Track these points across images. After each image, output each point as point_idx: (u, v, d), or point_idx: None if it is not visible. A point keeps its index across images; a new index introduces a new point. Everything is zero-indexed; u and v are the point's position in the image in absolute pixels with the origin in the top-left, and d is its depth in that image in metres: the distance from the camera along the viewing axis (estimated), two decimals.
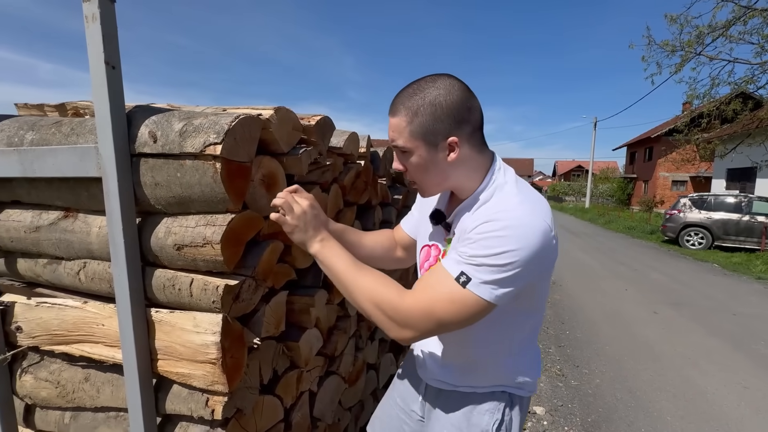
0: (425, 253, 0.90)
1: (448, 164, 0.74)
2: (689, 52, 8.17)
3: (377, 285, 0.72)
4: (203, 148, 0.77)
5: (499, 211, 0.68)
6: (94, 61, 0.77)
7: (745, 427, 2.24)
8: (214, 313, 0.84)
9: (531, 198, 0.72)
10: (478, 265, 0.65)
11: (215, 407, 0.86)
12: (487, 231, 0.66)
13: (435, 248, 0.87)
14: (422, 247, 0.91)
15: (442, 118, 0.70)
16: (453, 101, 0.70)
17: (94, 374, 1.02)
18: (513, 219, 0.66)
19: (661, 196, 21.62)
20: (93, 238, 0.92)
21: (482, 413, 0.86)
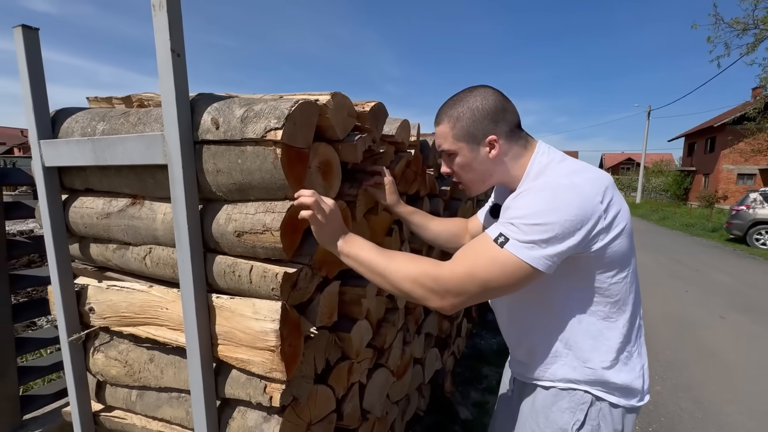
0: None
1: (491, 161, 0.83)
2: (765, 30, 7.34)
3: (410, 262, 0.75)
4: (264, 134, 0.76)
5: (539, 181, 0.76)
6: (160, 49, 0.78)
7: None
8: (273, 300, 0.83)
9: (579, 167, 0.76)
10: (514, 225, 0.69)
11: (273, 394, 0.86)
12: (523, 193, 0.73)
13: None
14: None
15: (480, 120, 0.80)
16: (489, 105, 0.80)
17: (158, 356, 1.06)
18: (550, 182, 0.72)
19: (724, 191, 19.76)
20: (158, 224, 0.95)
21: (562, 411, 0.81)
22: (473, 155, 0.83)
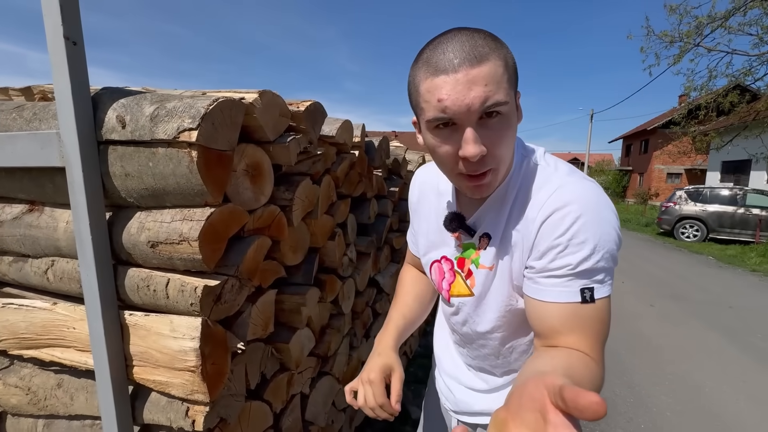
0: (437, 271, 0.74)
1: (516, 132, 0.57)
2: (688, 43, 8.09)
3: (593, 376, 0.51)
4: (177, 135, 0.69)
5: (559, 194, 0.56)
6: (52, 37, 0.68)
7: (744, 422, 2.22)
8: (193, 316, 0.76)
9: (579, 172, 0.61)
10: (588, 271, 0.53)
11: (196, 417, 0.79)
12: (571, 218, 0.53)
13: (446, 261, 0.72)
14: (431, 264, 0.76)
15: (516, 69, 0.54)
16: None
17: (68, 380, 0.94)
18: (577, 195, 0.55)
19: (656, 189, 21.69)
20: (60, 234, 0.84)
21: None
22: (515, 116, 0.55)
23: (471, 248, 0.68)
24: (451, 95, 0.49)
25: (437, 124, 0.52)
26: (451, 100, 0.49)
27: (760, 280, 5.69)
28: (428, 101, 0.51)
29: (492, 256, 0.64)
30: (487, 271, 0.65)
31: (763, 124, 8.63)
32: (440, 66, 0.49)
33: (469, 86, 0.48)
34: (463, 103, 0.48)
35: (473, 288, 0.68)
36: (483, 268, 0.66)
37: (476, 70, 0.48)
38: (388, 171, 1.90)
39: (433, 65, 0.50)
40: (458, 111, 0.49)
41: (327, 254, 1.28)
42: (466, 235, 0.68)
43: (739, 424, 2.20)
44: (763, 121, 8.57)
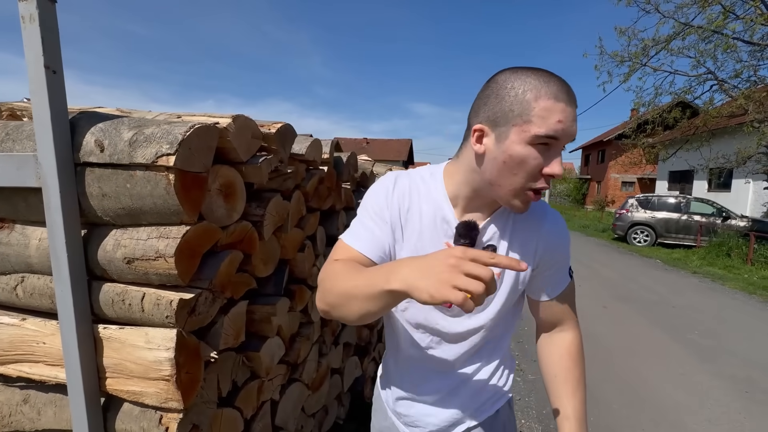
0: None
1: None
2: (636, 62, 8.76)
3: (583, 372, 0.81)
4: (155, 159, 0.75)
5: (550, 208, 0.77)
6: (32, 66, 0.72)
7: (680, 411, 2.45)
8: (168, 328, 0.81)
9: None
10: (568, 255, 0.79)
11: (170, 425, 0.83)
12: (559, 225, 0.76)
13: None
14: None
15: None
16: None
17: (35, 395, 0.95)
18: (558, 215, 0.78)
19: (612, 196, 23.07)
20: (32, 251, 0.86)
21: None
22: None
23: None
24: (566, 122, 0.58)
25: (543, 140, 0.59)
26: (566, 125, 0.58)
27: (700, 281, 6.23)
28: (545, 118, 0.58)
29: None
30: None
31: (701, 138, 9.45)
32: (561, 96, 0.58)
33: (575, 121, 0.60)
34: (571, 132, 0.60)
35: None
36: None
37: (575, 112, 0.60)
38: (356, 184, 1.99)
39: (554, 91, 0.58)
40: (566, 136, 0.59)
41: (297, 265, 1.35)
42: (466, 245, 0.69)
43: (675, 413, 2.43)
44: (701, 135, 9.39)
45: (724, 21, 7.34)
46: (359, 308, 0.56)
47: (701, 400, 2.59)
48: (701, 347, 3.49)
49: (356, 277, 0.58)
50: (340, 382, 1.85)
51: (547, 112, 0.57)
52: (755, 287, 5.74)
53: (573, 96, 0.60)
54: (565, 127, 0.58)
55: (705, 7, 7.41)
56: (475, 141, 0.64)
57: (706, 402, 2.57)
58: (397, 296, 0.51)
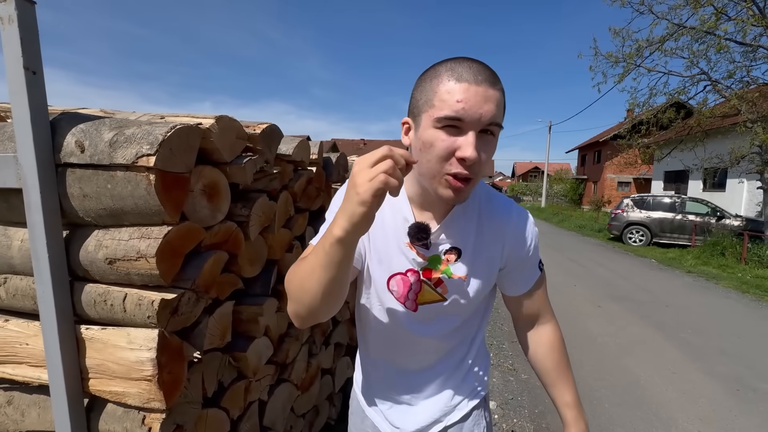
0: (401, 283, 0.73)
1: None
2: (630, 63, 8.81)
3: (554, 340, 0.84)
4: (135, 160, 0.75)
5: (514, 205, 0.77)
6: (11, 67, 0.73)
7: (672, 409, 2.47)
8: (150, 328, 0.81)
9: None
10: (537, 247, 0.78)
11: (152, 425, 0.83)
12: (525, 221, 0.76)
13: (412, 273, 0.72)
14: (392, 276, 0.73)
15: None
16: None
17: (18, 396, 0.95)
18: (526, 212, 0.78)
19: (608, 196, 23.17)
20: (14, 252, 0.86)
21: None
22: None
23: (437, 260, 0.71)
24: (470, 101, 0.56)
25: (447, 123, 0.57)
26: (469, 105, 0.56)
27: (694, 280, 6.26)
28: (445, 100, 0.57)
29: (464, 267, 0.71)
30: (461, 280, 0.71)
31: (695, 138, 9.51)
32: (465, 76, 0.57)
33: (485, 100, 0.57)
34: (477, 112, 0.56)
35: (445, 294, 0.72)
36: (456, 277, 0.71)
37: (492, 92, 0.57)
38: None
39: (458, 73, 0.57)
40: (471, 116, 0.56)
41: (285, 266, 1.35)
42: (426, 250, 0.71)
43: (667, 411, 2.44)
44: (695, 135, 9.45)
45: (716, 22, 7.40)
46: (318, 283, 0.55)
47: (693, 398, 2.61)
48: (693, 346, 3.51)
49: (306, 258, 0.61)
50: (332, 383, 1.85)
51: (449, 93, 0.57)
52: (748, 286, 5.77)
53: (485, 76, 0.57)
54: (467, 106, 0.56)
55: (697, 8, 7.46)
56: (403, 134, 0.67)
57: (698, 400, 2.59)
58: (344, 241, 0.51)
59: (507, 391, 2.68)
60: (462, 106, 0.56)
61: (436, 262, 0.71)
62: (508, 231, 0.74)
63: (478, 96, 0.56)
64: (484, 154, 0.60)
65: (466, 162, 0.58)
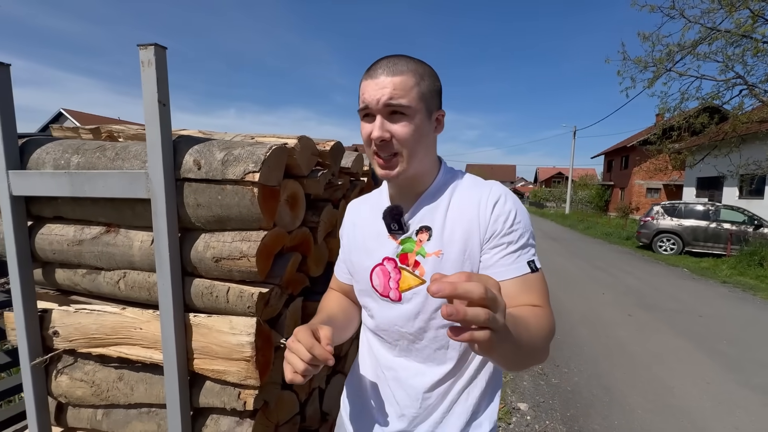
0: (381, 274, 0.78)
1: (432, 140, 0.76)
2: (660, 68, 8.64)
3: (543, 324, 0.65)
4: (243, 176, 0.90)
5: (496, 187, 0.74)
6: (148, 101, 0.90)
7: (706, 419, 2.47)
8: (249, 316, 0.96)
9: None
10: (529, 246, 0.71)
11: (247, 399, 0.98)
12: (510, 205, 0.72)
13: (389, 261, 0.77)
14: (372, 270, 0.79)
15: (437, 90, 0.73)
16: (439, 79, 0.75)
17: (128, 374, 1.12)
18: (505, 190, 0.74)
19: (636, 203, 22.48)
20: (135, 251, 1.04)
21: None
22: (424, 124, 0.70)
23: (410, 242, 0.75)
24: (369, 92, 0.69)
25: (362, 114, 0.71)
26: (368, 95, 0.69)
27: (729, 291, 6.07)
28: (360, 96, 0.71)
29: (437, 243, 0.72)
30: (435, 257, 0.72)
31: (730, 144, 9.20)
32: (370, 73, 0.70)
33: (381, 88, 0.68)
34: (374, 98, 0.68)
35: (423, 276, 0.73)
36: (430, 255, 0.72)
37: (389, 79, 0.67)
38: None
39: (368, 72, 0.71)
40: (370, 103, 0.68)
41: None
42: (399, 232, 0.76)
43: (702, 420, 2.44)
44: (730, 141, 9.14)
45: (753, 25, 7.19)
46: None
47: (729, 409, 2.59)
48: (729, 357, 3.45)
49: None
50: None
51: (362, 90, 0.71)
52: None
53: (384, 69, 0.68)
54: (367, 97, 0.69)
55: (732, 12, 7.27)
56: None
57: (734, 410, 2.57)
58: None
59: (538, 394, 2.73)
60: (365, 97, 0.69)
61: (410, 244, 0.75)
62: (480, 206, 0.72)
63: (376, 86, 0.68)
64: (399, 129, 0.68)
65: (375, 140, 0.69)
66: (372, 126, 0.69)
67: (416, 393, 0.77)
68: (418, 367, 0.78)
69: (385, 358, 0.82)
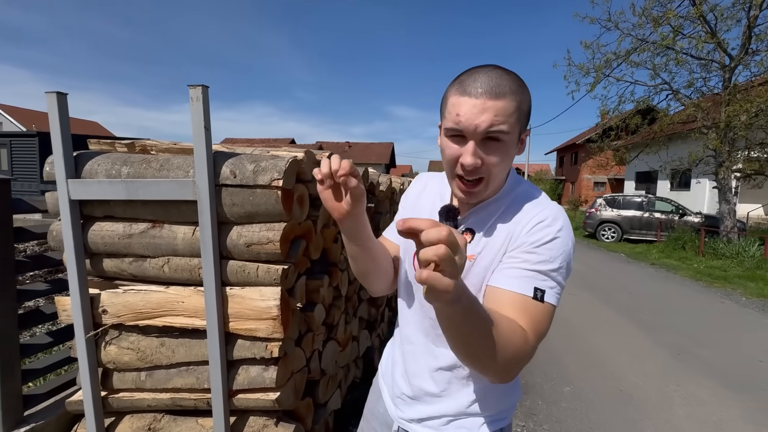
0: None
1: (512, 160, 0.72)
2: (600, 74, 9.60)
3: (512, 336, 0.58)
4: (270, 182, 1.23)
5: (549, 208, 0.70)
6: (196, 127, 1.20)
7: (624, 367, 3.06)
8: (274, 287, 1.29)
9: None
10: (548, 278, 0.64)
11: (273, 349, 1.31)
12: (552, 230, 0.66)
13: None
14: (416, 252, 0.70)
15: (529, 110, 0.69)
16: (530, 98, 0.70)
17: (168, 340, 1.40)
18: (562, 218, 0.68)
19: (585, 196, 24.34)
20: (179, 241, 1.33)
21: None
22: (513, 148, 0.68)
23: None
24: (467, 115, 0.62)
25: (451, 133, 0.65)
26: (465, 117, 0.62)
27: (656, 271, 7.01)
28: (450, 113, 0.64)
29: (475, 247, 0.72)
30: (468, 261, 0.71)
31: (659, 142, 10.38)
32: (467, 89, 0.62)
33: (482, 112, 0.61)
34: (473, 123, 0.62)
35: None
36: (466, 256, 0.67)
37: (492, 102, 0.61)
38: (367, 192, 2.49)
39: (463, 87, 0.63)
40: (468, 128, 0.62)
41: (332, 253, 1.83)
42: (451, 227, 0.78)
43: (620, 369, 3.03)
44: (659, 140, 10.32)
45: (674, 39, 8.23)
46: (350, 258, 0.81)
47: (643, 360, 3.21)
48: (647, 323, 4.14)
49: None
50: (357, 348, 2.34)
51: (453, 107, 0.64)
52: (701, 274, 6.54)
53: (486, 88, 0.61)
54: (463, 119, 0.62)
55: (657, 27, 8.27)
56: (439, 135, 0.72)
57: (646, 361, 3.19)
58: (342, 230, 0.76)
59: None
60: (460, 119, 0.62)
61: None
62: (519, 223, 0.69)
63: (476, 109, 0.61)
64: (493, 157, 0.65)
65: (466, 168, 0.64)
66: (462, 150, 0.65)
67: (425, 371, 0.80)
68: (432, 348, 0.79)
69: (407, 330, 0.85)
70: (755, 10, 7.70)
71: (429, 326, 0.79)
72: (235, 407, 1.37)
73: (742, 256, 7.33)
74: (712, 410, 2.47)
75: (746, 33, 7.97)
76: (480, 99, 0.62)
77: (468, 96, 0.62)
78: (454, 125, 0.64)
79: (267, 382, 1.32)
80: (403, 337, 0.87)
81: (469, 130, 0.63)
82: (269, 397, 1.33)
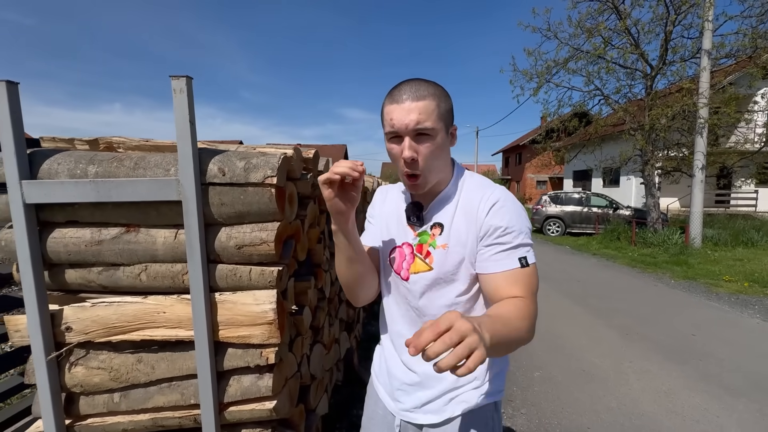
0: (398, 255, 0.91)
1: (449, 151, 0.85)
2: (542, 79, 10.30)
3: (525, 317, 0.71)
4: (263, 180, 1.17)
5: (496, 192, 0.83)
6: (179, 121, 1.11)
7: (583, 349, 3.30)
8: (269, 289, 1.23)
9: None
10: (523, 245, 0.79)
11: (269, 356, 1.24)
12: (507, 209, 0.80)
13: (407, 246, 0.89)
14: (392, 250, 0.93)
15: (451, 108, 0.82)
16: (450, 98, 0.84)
17: (146, 356, 1.28)
18: (508, 194, 0.84)
19: (529, 194, 25.94)
20: (159, 246, 1.22)
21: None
22: (443, 140, 0.80)
23: (425, 235, 0.87)
24: (397, 117, 0.76)
25: (390, 136, 0.79)
26: (396, 119, 0.76)
27: (597, 260, 7.64)
28: (386, 120, 0.79)
29: (446, 237, 0.84)
30: (442, 249, 0.84)
31: (594, 143, 11.35)
32: (395, 98, 0.77)
33: (408, 113, 0.75)
34: (403, 123, 0.76)
35: (432, 263, 0.85)
36: (439, 248, 0.84)
37: (415, 104, 0.75)
38: None
39: (392, 97, 0.78)
40: (400, 127, 0.76)
41: (316, 253, 1.78)
42: (418, 226, 0.88)
43: (579, 351, 3.26)
44: (594, 141, 11.29)
45: (604, 49, 9.05)
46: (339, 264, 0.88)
47: (596, 341, 3.48)
48: (597, 308, 4.51)
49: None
50: (339, 350, 2.29)
51: (387, 114, 0.78)
52: (636, 262, 7.25)
53: (409, 94, 0.76)
54: (395, 121, 0.76)
55: (590, 37, 9.06)
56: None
57: (600, 342, 3.47)
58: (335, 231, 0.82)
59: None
60: (393, 122, 0.77)
61: (425, 237, 0.87)
62: (479, 208, 0.81)
63: (404, 111, 0.75)
64: (425, 150, 0.78)
65: (406, 159, 0.78)
66: (401, 147, 0.78)
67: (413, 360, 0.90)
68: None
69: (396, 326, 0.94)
70: (670, 26, 8.71)
71: (415, 316, 0.90)
72: (227, 421, 1.28)
73: (667, 244, 8.24)
74: (661, 381, 2.75)
75: (663, 45, 8.99)
76: (406, 103, 0.76)
77: (396, 103, 0.77)
78: (390, 128, 0.78)
79: (262, 391, 1.26)
80: (394, 333, 0.95)
81: (402, 129, 0.76)
82: (265, 407, 1.27)
